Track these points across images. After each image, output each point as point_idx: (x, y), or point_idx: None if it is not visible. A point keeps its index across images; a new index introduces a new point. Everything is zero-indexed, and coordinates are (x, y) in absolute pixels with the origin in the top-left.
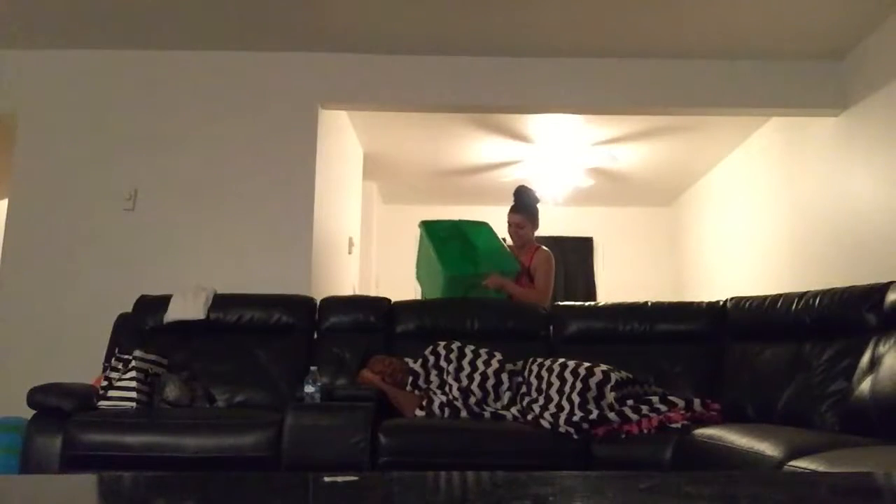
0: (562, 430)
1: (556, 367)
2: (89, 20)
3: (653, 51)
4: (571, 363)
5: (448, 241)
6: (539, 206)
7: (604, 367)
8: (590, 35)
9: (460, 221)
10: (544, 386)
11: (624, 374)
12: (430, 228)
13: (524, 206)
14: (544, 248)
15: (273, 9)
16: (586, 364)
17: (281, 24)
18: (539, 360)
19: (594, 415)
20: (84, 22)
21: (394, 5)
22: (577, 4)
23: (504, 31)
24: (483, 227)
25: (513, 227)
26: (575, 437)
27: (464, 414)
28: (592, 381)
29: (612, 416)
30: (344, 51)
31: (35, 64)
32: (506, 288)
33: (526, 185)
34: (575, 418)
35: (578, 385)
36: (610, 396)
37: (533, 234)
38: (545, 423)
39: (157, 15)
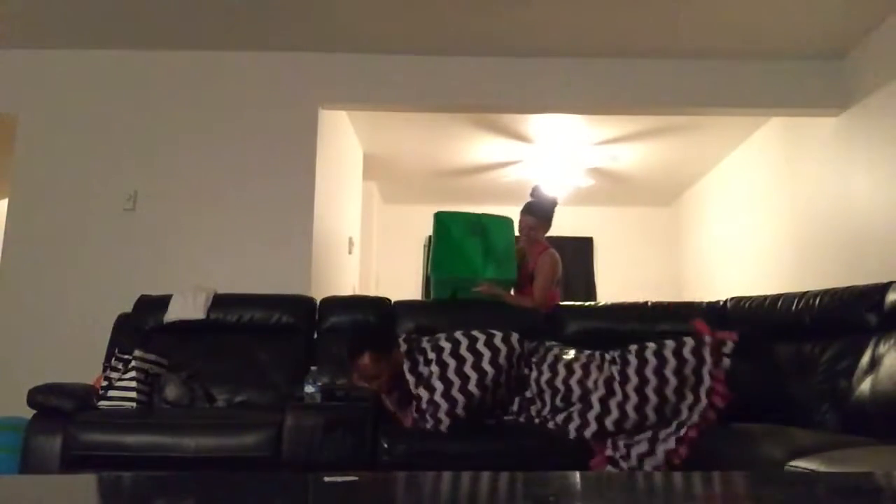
0: (571, 436)
1: (560, 386)
2: (89, 20)
3: (653, 51)
4: (562, 372)
5: (461, 238)
6: (554, 207)
7: (592, 376)
8: (590, 35)
9: (483, 216)
10: (547, 398)
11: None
12: (444, 223)
13: (536, 208)
14: (551, 251)
15: (273, 9)
16: (577, 378)
17: (281, 24)
18: (540, 369)
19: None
20: (84, 22)
21: (394, 5)
22: (578, 4)
23: (504, 31)
24: (504, 225)
25: (524, 228)
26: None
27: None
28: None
29: (617, 456)
30: (344, 51)
31: (35, 64)
32: (496, 297)
33: (540, 186)
34: (587, 432)
35: (581, 400)
36: (633, 397)
37: (543, 235)
38: (552, 426)
39: (158, 15)
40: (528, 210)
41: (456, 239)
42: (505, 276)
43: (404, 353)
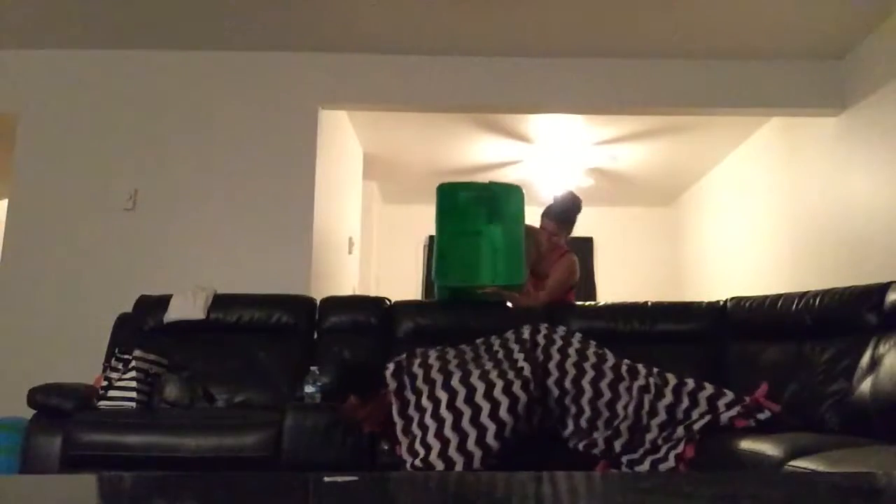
0: (580, 449)
1: (586, 407)
2: (89, 20)
3: (653, 51)
4: (588, 391)
5: (467, 203)
6: (575, 209)
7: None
8: (590, 35)
9: (492, 183)
10: (570, 418)
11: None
12: (448, 192)
13: (559, 213)
14: (570, 255)
15: (273, 9)
16: (605, 401)
17: (281, 24)
18: (563, 386)
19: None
20: (84, 22)
21: (394, 5)
22: (577, 4)
23: (504, 31)
24: (514, 192)
25: (546, 232)
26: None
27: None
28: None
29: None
30: (344, 51)
31: (35, 64)
32: (501, 298)
33: (560, 193)
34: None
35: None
36: (654, 430)
37: (564, 240)
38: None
39: (157, 15)
40: (550, 216)
41: (462, 203)
42: (513, 281)
43: (393, 392)
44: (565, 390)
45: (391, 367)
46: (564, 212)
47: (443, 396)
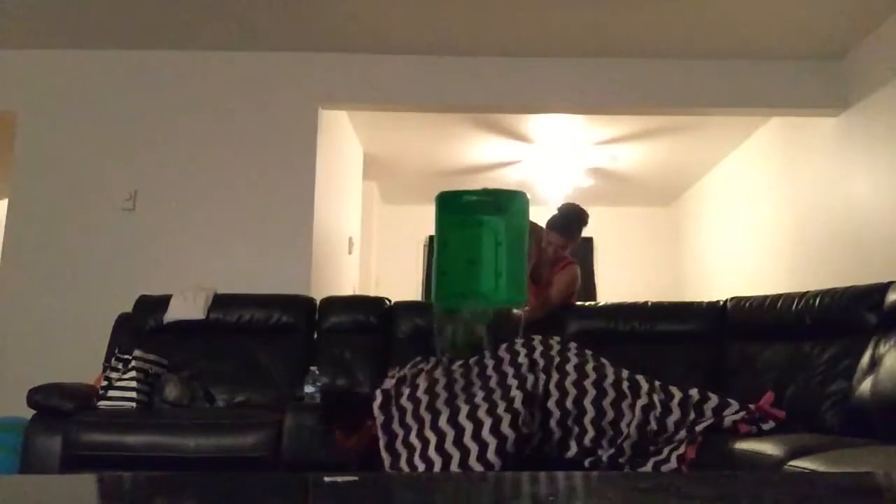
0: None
1: (588, 427)
2: (89, 20)
3: (653, 51)
4: (590, 411)
5: (468, 202)
6: (580, 222)
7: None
8: (590, 35)
9: (495, 189)
10: (572, 439)
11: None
12: (446, 199)
13: (566, 228)
14: (574, 266)
15: (273, 9)
16: (609, 420)
17: (281, 24)
18: (563, 406)
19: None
20: (84, 22)
21: (394, 5)
22: (577, 4)
23: (504, 31)
24: (518, 198)
25: (552, 245)
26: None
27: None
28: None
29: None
30: (344, 51)
31: (35, 64)
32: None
33: (567, 203)
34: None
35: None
36: (660, 443)
37: (570, 250)
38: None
39: (158, 15)
40: (554, 228)
41: (463, 204)
42: (515, 299)
43: (380, 426)
44: (567, 411)
45: (379, 398)
46: (569, 224)
47: (431, 438)
